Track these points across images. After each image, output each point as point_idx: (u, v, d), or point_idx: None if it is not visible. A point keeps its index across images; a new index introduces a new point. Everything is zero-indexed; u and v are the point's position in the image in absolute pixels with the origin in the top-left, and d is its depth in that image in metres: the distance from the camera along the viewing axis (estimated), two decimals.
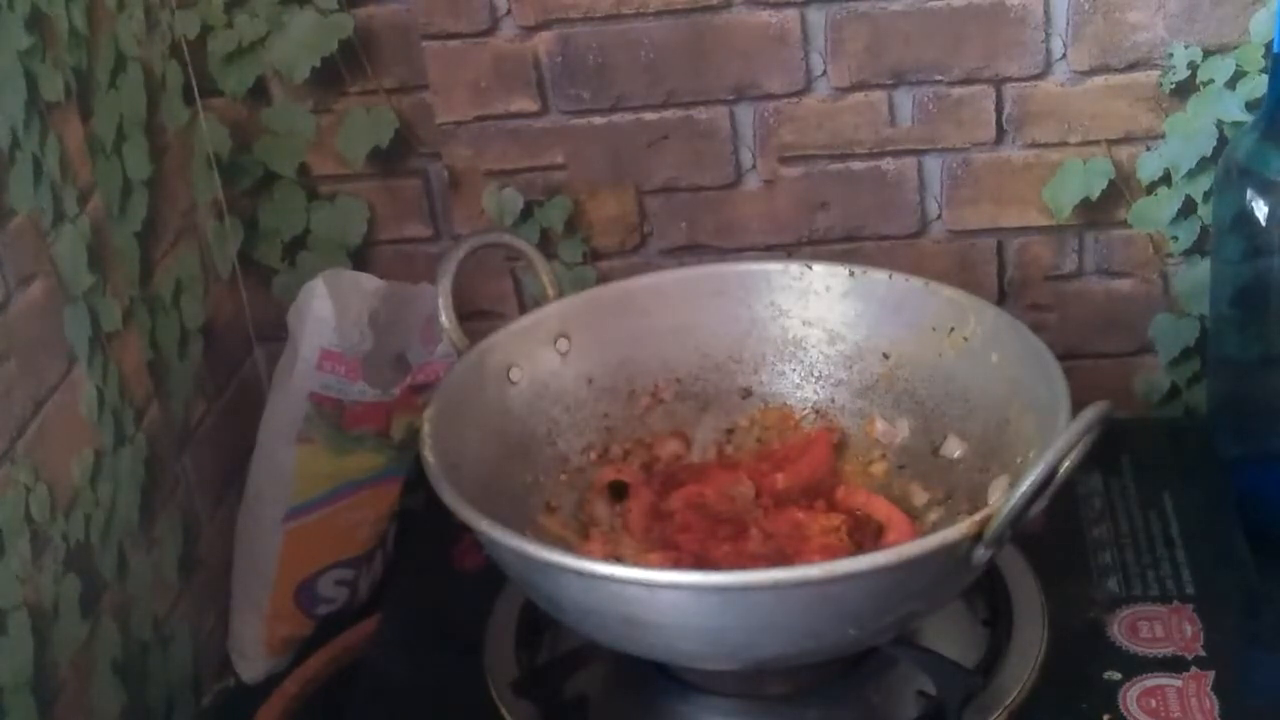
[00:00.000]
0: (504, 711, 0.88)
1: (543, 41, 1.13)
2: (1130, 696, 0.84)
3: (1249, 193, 1.01)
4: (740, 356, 1.01)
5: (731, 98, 1.14)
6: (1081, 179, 1.13)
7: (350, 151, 1.19)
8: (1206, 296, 1.15)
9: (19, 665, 0.85)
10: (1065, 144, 1.12)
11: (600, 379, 0.99)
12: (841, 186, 1.15)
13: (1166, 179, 1.12)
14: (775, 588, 0.73)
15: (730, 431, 1.00)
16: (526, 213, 1.19)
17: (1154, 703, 0.84)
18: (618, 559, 0.87)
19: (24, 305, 0.89)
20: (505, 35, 1.13)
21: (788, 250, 1.17)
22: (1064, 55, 1.09)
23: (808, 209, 1.16)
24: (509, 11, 1.12)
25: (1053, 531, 0.95)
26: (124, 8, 1.05)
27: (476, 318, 1.18)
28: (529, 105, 1.16)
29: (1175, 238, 1.14)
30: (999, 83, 1.10)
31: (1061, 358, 0.84)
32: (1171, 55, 1.08)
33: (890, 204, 1.15)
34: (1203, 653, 0.87)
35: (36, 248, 0.91)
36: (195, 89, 1.16)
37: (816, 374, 1.00)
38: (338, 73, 1.16)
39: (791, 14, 1.10)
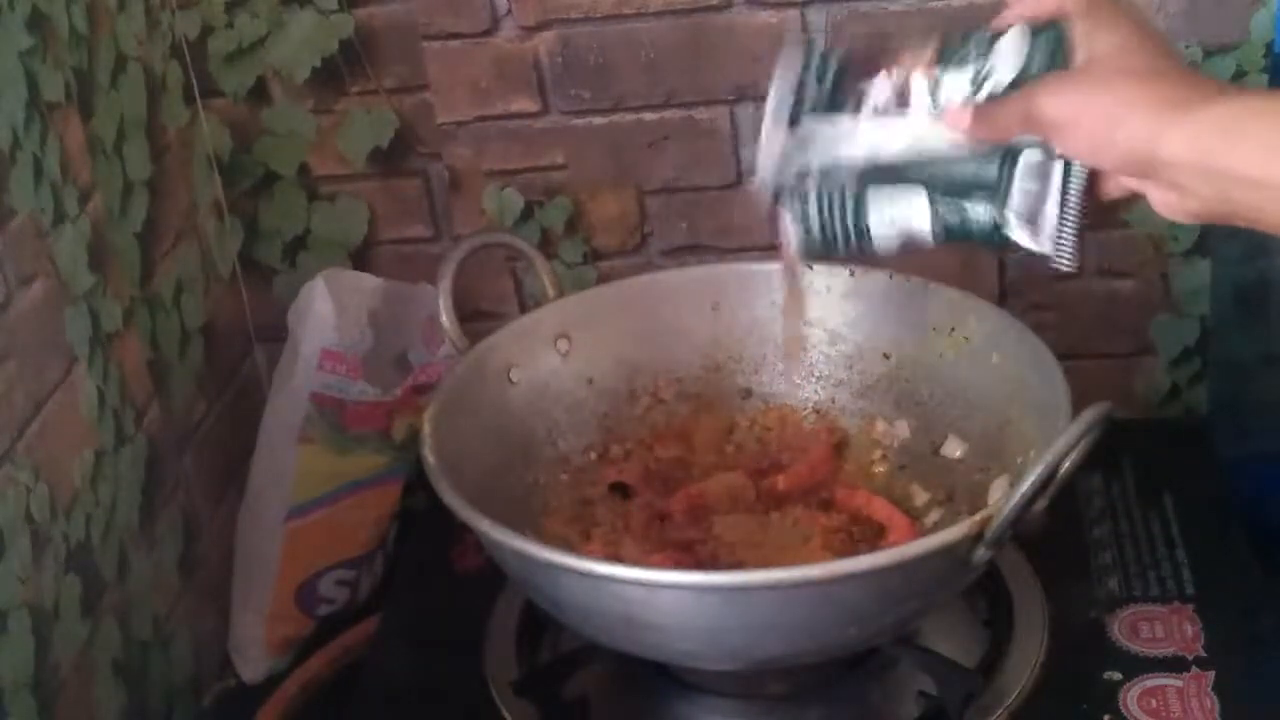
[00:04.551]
0: (504, 711, 0.88)
1: (543, 41, 1.13)
2: (1130, 696, 0.84)
3: None
4: (740, 356, 1.01)
5: (732, 98, 1.14)
6: None
7: (351, 151, 1.19)
8: (1206, 296, 1.15)
9: (20, 665, 0.85)
10: None
11: (600, 379, 0.99)
12: None
13: None
14: (775, 588, 0.73)
15: (730, 431, 1.00)
16: (527, 213, 1.19)
17: (1154, 703, 0.84)
18: (618, 559, 0.87)
19: (25, 305, 0.89)
20: (505, 35, 1.14)
21: None
22: None
23: None
24: (509, 11, 1.12)
25: (1053, 532, 0.95)
26: (124, 8, 1.05)
27: (477, 318, 1.18)
28: (529, 105, 1.16)
29: (1175, 238, 1.14)
30: None
31: (1062, 358, 0.84)
32: None
33: None
34: (1203, 653, 0.87)
35: (37, 248, 0.91)
36: (195, 89, 1.16)
37: (817, 374, 1.00)
38: (338, 73, 1.16)
39: (792, 14, 1.10)
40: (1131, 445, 1.04)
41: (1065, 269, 0.72)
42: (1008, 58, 0.72)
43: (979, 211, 0.73)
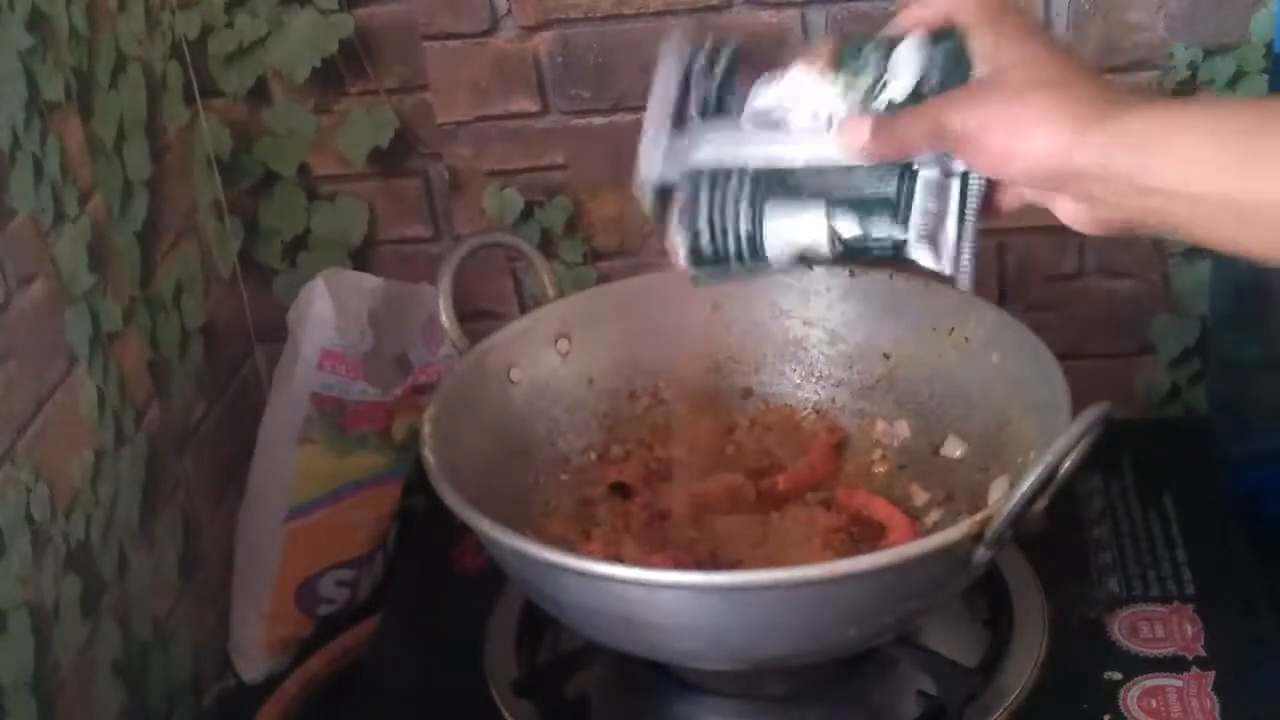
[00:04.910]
0: (504, 711, 0.88)
1: (543, 41, 1.13)
2: (1130, 696, 0.84)
3: None
4: (741, 357, 1.01)
5: None
6: None
7: (351, 151, 1.19)
8: (1206, 296, 1.15)
9: (20, 665, 0.85)
10: None
11: (600, 379, 0.99)
12: None
13: None
14: (776, 588, 0.73)
15: (730, 431, 1.00)
16: (527, 213, 1.19)
17: (1154, 703, 0.84)
18: (618, 559, 0.87)
19: (25, 305, 0.89)
20: (505, 35, 1.14)
21: None
22: None
23: None
24: (509, 11, 1.12)
25: (1053, 532, 0.95)
26: (124, 8, 1.05)
27: (477, 318, 1.18)
28: (529, 105, 1.16)
29: None
30: None
31: (1062, 358, 0.84)
32: (1172, 55, 1.08)
33: None
34: (1203, 653, 0.87)
35: (37, 248, 0.91)
36: (195, 89, 1.16)
37: (817, 374, 1.00)
38: (338, 73, 1.16)
39: (792, 14, 1.10)
40: (1131, 445, 1.04)
41: (963, 288, 0.71)
42: (905, 67, 0.70)
43: (879, 229, 0.71)
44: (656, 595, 0.75)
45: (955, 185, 0.70)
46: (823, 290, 0.98)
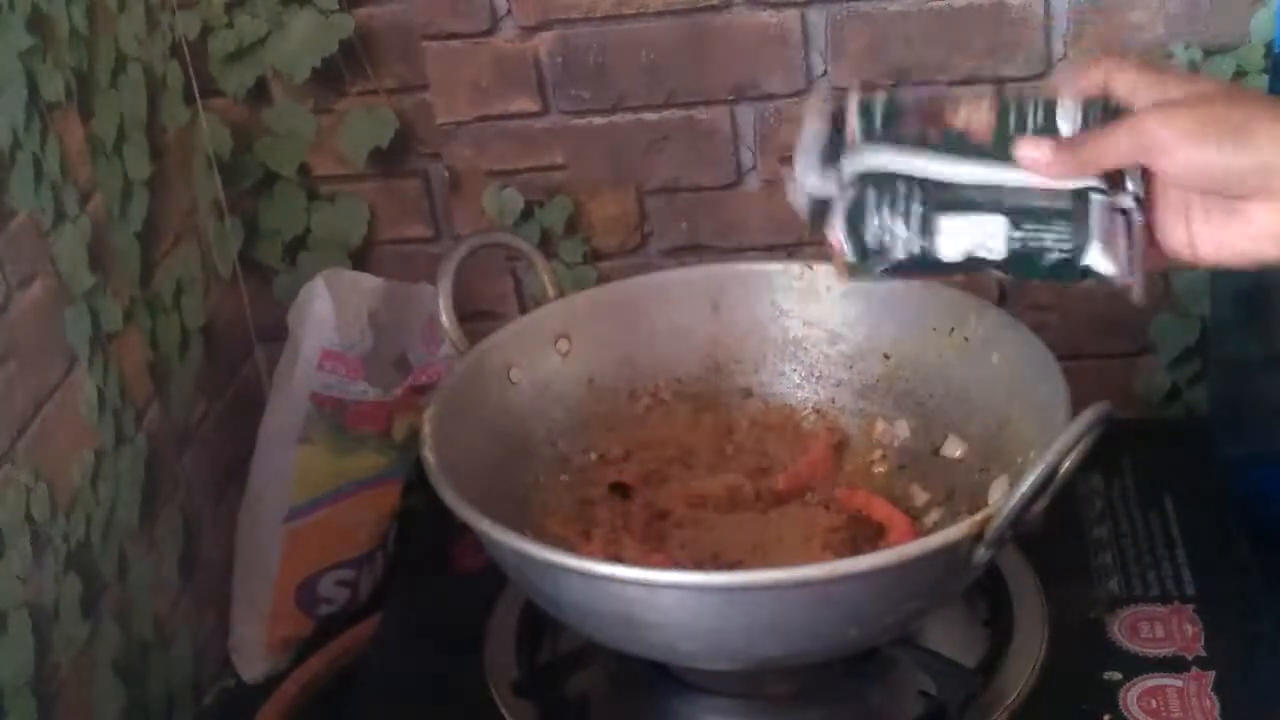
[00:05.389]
0: (504, 711, 0.88)
1: (543, 41, 1.13)
2: (1130, 696, 0.84)
3: None
4: (741, 357, 1.01)
5: (732, 98, 1.14)
6: None
7: (351, 151, 1.19)
8: (1206, 296, 1.15)
9: (20, 665, 0.85)
10: None
11: (600, 379, 0.99)
12: None
13: None
14: (776, 588, 0.73)
15: (730, 431, 1.00)
16: (527, 213, 1.19)
17: (1154, 703, 0.84)
18: (618, 559, 0.87)
19: (25, 305, 0.89)
20: (505, 35, 1.14)
21: (788, 250, 1.17)
22: (1065, 55, 1.09)
23: None
24: (509, 11, 1.12)
25: (1053, 532, 0.95)
26: (124, 8, 1.05)
27: (477, 318, 1.18)
28: (529, 105, 1.16)
29: None
30: (1000, 82, 1.10)
31: (1062, 358, 0.84)
32: (1172, 55, 1.08)
33: None
34: (1203, 653, 0.87)
35: (37, 248, 0.91)
36: (195, 89, 1.16)
37: (817, 374, 1.00)
38: (338, 73, 1.16)
39: (792, 14, 1.10)
40: (1131, 445, 1.04)
41: (1136, 300, 0.74)
42: (1066, 118, 0.72)
43: (1056, 234, 0.72)
44: (656, 595, 0.75)
45: (1120, 218, 0.72)
46: (823, 290, 0.98)
